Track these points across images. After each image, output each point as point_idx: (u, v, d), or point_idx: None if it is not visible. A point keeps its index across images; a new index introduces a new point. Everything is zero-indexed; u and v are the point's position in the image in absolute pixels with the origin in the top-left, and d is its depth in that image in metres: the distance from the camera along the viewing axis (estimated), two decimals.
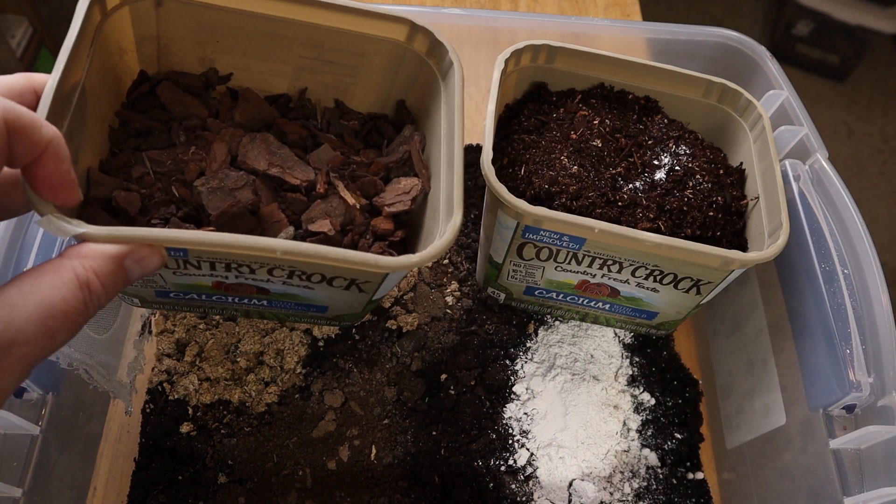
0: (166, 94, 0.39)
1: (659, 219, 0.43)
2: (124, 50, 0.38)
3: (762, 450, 0.47)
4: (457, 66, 0.40)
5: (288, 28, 0.40)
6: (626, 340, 0.53)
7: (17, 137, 0.25)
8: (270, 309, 0.42)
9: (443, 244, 0.33)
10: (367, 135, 0.44)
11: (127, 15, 0.37)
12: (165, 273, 0.35)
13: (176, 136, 0.39)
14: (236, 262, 0.34)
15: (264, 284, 0.37)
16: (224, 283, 0.37)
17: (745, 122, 0.48)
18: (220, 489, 0.45)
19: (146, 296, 0.40)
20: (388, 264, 0.32)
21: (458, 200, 0.35)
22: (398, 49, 0.42)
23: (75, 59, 0.32)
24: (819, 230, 0.43)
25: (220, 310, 0.43)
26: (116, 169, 0.36)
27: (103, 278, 0.27)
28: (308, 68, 0.43)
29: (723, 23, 1.69)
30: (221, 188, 0.36)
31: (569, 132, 0.46)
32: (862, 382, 0.38)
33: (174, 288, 0.38)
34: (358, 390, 0.49)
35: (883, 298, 0.40)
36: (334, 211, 0.38)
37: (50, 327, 0.24)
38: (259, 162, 0.38)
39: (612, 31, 0.57)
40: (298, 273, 0.35)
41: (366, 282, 0.36)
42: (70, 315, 0.25)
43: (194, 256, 0.32)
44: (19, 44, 1.20)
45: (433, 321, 0.51)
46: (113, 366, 0.47)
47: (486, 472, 0.46)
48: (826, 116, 1.68)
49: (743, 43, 0.55)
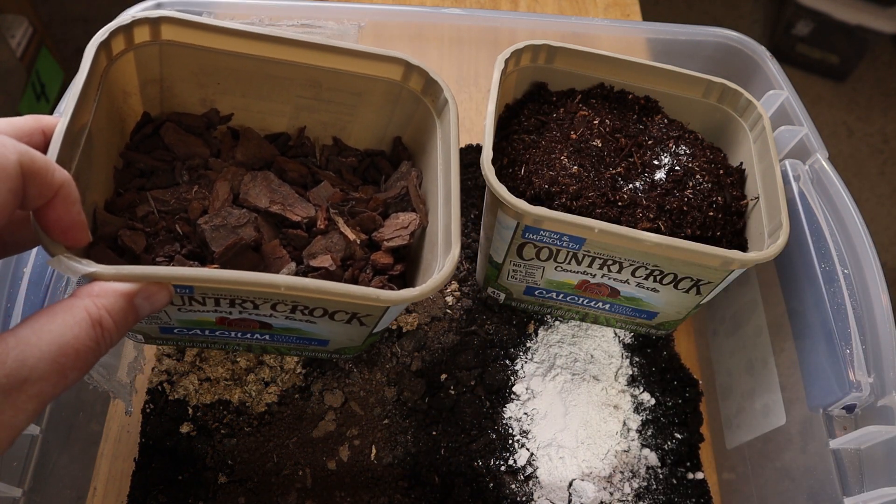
0: (169, 135, 0.41)
1: (659, 219, 0.43)
2: (128, 93, 0.40)
3: (762, 450, 0.47)
4: (451, 103, 0.41)
5: (286, 69, 0.41)
6: (626, 340, 0.53)
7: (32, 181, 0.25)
8: (273, 343, 0.43)
9: (442, 277, 0.34)
10: (364, 171, 0.45)
11: (132, 60, 0.38)
12: (170, 310, 0.35)
13: (179, 175, 0.40)
14: (240, 297, 0.34)
15: (267, 319, 0.37)
16: (228, 319, 0.37)
17: (745, 122, 0.48)
18: (220, 489, 0.45)
19: (150, 332, 0.41)
20: (390, 298, 0.33)
21: (456, 234, 0.36)
22: (394, 88, 0.43)
23: (83, 102, 0.33)
24: (819, 230, 0.43)
25: (222, 345, 0.43)
26: (122, 208, 0.37)
27: (115, 316, 0.27)
28: (306, 107, 0.44)
29: (723, 23, 1.69)
30: (224, 226, 0.37)
31: (569, 132, 0.46)
32: (862, 382, 0.38)
33: (178, 324, 0.38)
34: (358, 390, 0.49)
35: (883, 298, 0.40)
36: (335, 246, 0.39)
37: (62, 365, 0.25)
38: (260, 199, 0.39)
39: (612, 31, 0.57)
40: (301, 308, 0.35)
41: (367, 315, 0.37)
42: (82, 353, 0.25)
43: (199, 293, 0.33)
44: (19, 44, 1.20)
45: (433, 321, 0.51)
46: (113, 366, 0.47)
47: (486, 472, 0.46)
48: (826, 116, 1.68)
49: (743, 43, 0.55)
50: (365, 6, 0.57)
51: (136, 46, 0.38)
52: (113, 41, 0.37)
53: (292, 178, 0.42)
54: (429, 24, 0.55)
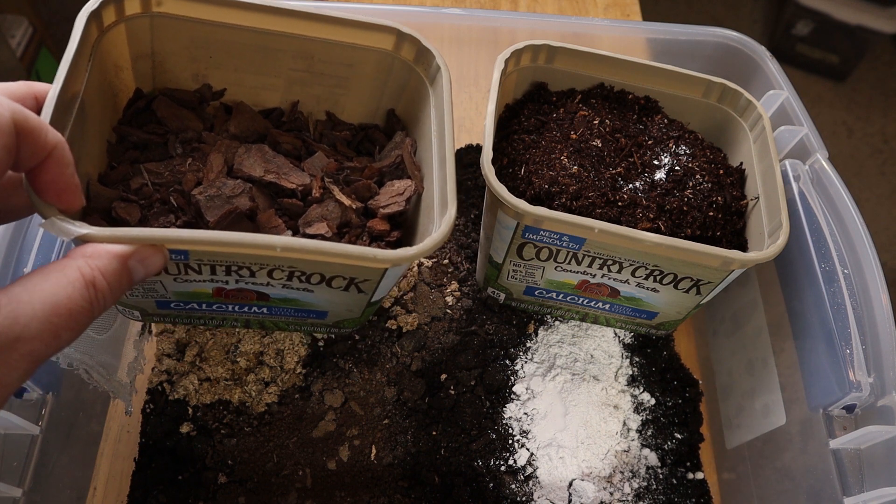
0: (162, 109, 0.40)
1: (659, 219, 0.43)
2: (120, 67, 0.39)
3: (762, 450, 0.47)
4: (444, 69, 0.40)
5: (278, 41, 0.41)
6: (626, 340, 0.53)
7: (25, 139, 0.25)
8: (270, 317, 0.42)
9: (439, 236, 0.34)
10: (358, 144, 0.45)
11: (123, 32, 0.38)
12: (166, 280, 0.35)
13: (173, 148, 0.39)
14: (237, 264, 0.34)
15: (264, 289, 0.37)
16: (224, 290, 0.37)
17: (745, 122, 0.48)
18: (220, 489, 0.45)
19: (147, 307, 0.40)
20: (387, 257, 0.32)
21: (452, 194, 0.35)
22: (386, 58, 0.42)
23: (75, 70, 0.33)
24: (819, 230, 0.43)
25: (220, 320, 0.43)
26: (115, 181, 0.37)
27: (109, 278, 0.27)
28: (299, 81, 0.43)
29: (723, 23, 1.69)
30: (219, 196, 0.36)
31: (569, 132, 0.46)
32: (862, 382, 0.38)
33: (175, 297, 0.38)
34: (358, 390, 0.49)
35: (883, 298, 0.40)
36: (330, 214, 0.38)
37: (55, 325, 0.24)
38: (255, 169, 0.38)
39: (612, 31, 0.57)
40: (298, 274, 0.35)
41: (364, 280, 0.36)
42: (75, 313, 0.25)
43: (195, 260, 0.33)
44: (19, 44, 1.20)
45: (433, 321, 0.51)
46: (113, 366, 0.47)
47: (486, 472, 0.46)
48: (826, 116, 1.68)
49: (743, 43, 0.55)
50: (365, 6, 0.57)
51: (128, 18, 0.37)
52: (104, 11, 0.36)
53: (286, 150, 0.42)
54: (429, 24, 0.55)
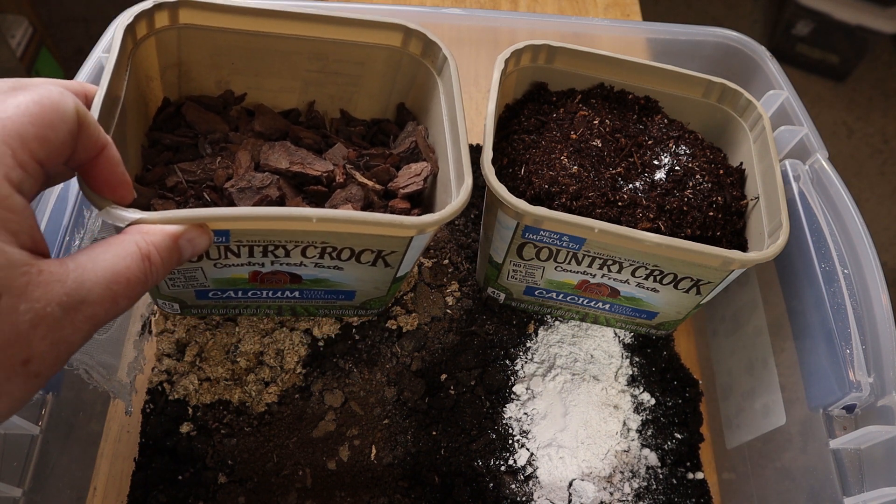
0: (191, 113, 0.44)
1: (659, 219, 0.43)
2: (151, 77, 0.43)
3: (762, 450, 0.47)
4: (450, 59, 0.43)
5: (294, 44, 0.44)
6: (626, 340, 0.53)
7: (83, 131, 0.27)
8: (302, 301, 0.45)
9: (459, 202, 0.36)
10: (372, 137, 0.47)
11: (153, 44, 0.41)
12: (207, 267, 0.38)
13: (202, 149, 0.43)
14: (273, 243, 0.36)
15: (297, 269, 0.40)
16: (260, 274, 0.40)
17: (745, 122, 0.48)
18: (220, 489, 0.45)
19: (186, 298, 0.43)
20: (413, 223, 0.35)
21: (468, 167, 0.38)
22: (395, 54, 0.45)
23: (117, 78, 0.36)
24: (819, 230, 0.43)
25: (254, 308, 0.46)
26: (152, 182, 0.40)
27: (162, 253, 0.30)
28: (314, 82, 0.46)
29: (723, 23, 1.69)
30: (249, 188, 0.39)
31: (569, 132, 0.46)
32: (862, 382, 0.38)
33: (213, 285, 0.41)
34: (358, 390, 0.49)
35: (883, 298, 0.40)
36: (354, 197, 0.41)
37: (114, 292, 0.27)
38: (280, 162, 0.41)
39: (612, 31, 0.57)
40: (329, 250, 0.38)
41: (391, 252, 0.39)
42: (132, 282, 0.27)
43: (235, 241, 0.36)
44: (19, 44, 1.20)
45: (433, 321, 0.51)
46: (113, 366, 0.47)
47: (486, 472, 0.46)
48: (826, 116, 1.68)
49: (743, 43, 0.55)
50: (366, 6, 0.57)
51: (157, 31, 0.41)
52: (137, 25, 0.39)
53: (307, 144, 0.44)
54: (429, 25, 0.55)
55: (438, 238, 0.55)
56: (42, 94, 0.26)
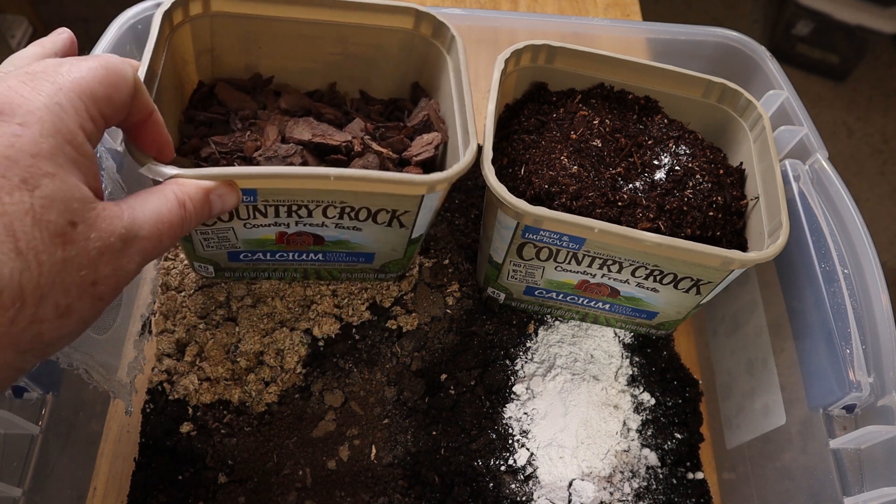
0: (223, 92, 0.48)
1: (659, 219, 0.43)
2: (186, 62, 0.46)
3: (762, 450, 0.47)
4: (457, 37, 0.46)
5: (318, 28, 0.47)
6: (626, 340, 0.53)
7: (138, 96, 0.32)
8: (325, 265, 0.48)
9: (465, 162, 0.39)
10: (389, 115, 0.51)
11: (188, 31, 0.45)
12: (237, 226, 0.42)
13: (234, 124, 0.46)
14: (297, 203, 0.40)
15: (320, 230, 0.43)
16: (286, 234, 0.43)
17: (745, 122, 0.48)
18: (220, 489, 0.45)
19: (220, 260, 0.47)
20: (423, 180, 0.38)
21: (472, 131, 0.40)
22: (408, 36, 0.48)
23: (156, 57, 0.39)
24: (819, 230, 0.43)
25: (282, 272, 0.50)
26: (188, 152, 0.44)
27: (195, 203, 0.33)
28: (336, 65, 0.50)
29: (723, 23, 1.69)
30: (276, 157, 0.43)
31: (569, 132, 0.46)
32: (862, 382, 0.38)
33: (244, 246, 0.45)
34: (358, 390, 0.49)
35: (883, 298, 0.40)
36: (370, 164, 0.44)
37: (160, 231, 0.30)
38: (304, 134, 0.44)
39: (612, 31, 0.57)
40: (348, 211, 0.41)
41: (405, 212, 0.42)
42: (174, 225, 0.31)
43: (262, 201, 0.39)
44: (19, 44, 1.20)
45: (433, 321, 0.51)
46: (113, 366, 0.47)
47: (486, 471, 0.46)
48: (826, 116, 1.68)
49: (743, 43, 0.55)
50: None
51: (192, 18, 0.45)
52: (174, 13, 0.43)
53: (329, 119, 0.48)
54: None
55: (438, 238, 0.55)
56: (108, 59, 0.30)
